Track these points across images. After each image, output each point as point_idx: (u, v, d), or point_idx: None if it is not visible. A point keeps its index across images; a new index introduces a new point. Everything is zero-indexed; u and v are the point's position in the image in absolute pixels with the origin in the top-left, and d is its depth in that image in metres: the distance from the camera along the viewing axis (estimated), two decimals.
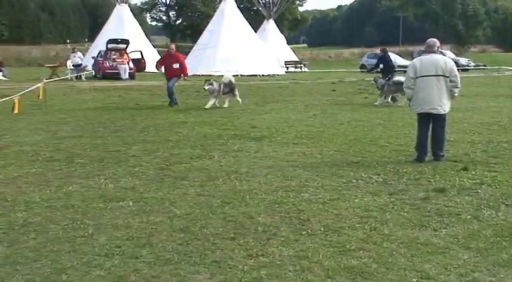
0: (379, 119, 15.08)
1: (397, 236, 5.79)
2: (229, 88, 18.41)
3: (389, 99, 19.46)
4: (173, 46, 20.37)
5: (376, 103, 19.34)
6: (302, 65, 51.48)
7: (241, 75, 37.57)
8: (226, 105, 18.28)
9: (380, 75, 21.24)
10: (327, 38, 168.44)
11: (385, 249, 5.42)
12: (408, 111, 12.02)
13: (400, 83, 19.07)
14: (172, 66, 18.89)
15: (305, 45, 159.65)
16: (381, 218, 6.43)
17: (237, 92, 18.77)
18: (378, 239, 5.70)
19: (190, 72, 37.24)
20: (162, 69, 19.42)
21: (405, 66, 14.70)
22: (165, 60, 19.42)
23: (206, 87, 17.98)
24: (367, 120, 14.86)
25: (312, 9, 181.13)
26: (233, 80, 18.77)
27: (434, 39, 9.81)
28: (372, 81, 20.54)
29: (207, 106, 17.62)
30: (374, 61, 47.15)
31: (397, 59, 48.79)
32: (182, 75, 19.37)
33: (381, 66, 21.40)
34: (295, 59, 54.94)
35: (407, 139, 11.63)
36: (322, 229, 6.01)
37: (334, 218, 6.41)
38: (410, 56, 52.51)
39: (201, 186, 7.89)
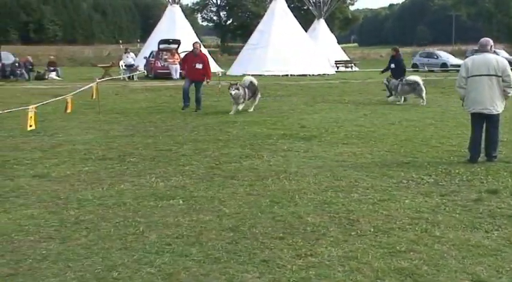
0: (431, 119, 14.86)
1: (449, 238, 5.70)
2: (252, 92, 17.02)
3: (401, 100, 19.28)
4: (198, 45, 18.17)
5: (389, 99, 19.58)
6: (352, 65, 51.10)
7: (291, 75, 37.56)
8: (251, 109, 16.96)
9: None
10: (378, 37, 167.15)
11: (436, 251, 5.35)
12: (461, 111, 11.82)
13: (414, 83, 18.96)
14: (195, 66, 17.29)
15: (356, 44, 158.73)
16: (432, 219, 6.34)
17: (258, 96, 17.59)
18: (429, 241, 5.63)
19: (240, 72, 37.82)
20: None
21: (458, 66, 14.47)
22: (189, 59, 17.88)
23: (233, 92, 16.17)
24: (418, 120, 14.66)
25: (363, 8, 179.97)
26: (255, 81, 17.34)
27: (488, 39, 9.62)
28: (385, 81, 20.26)
29: (232, 113, 16.17)
30: (426, 60, 46.95)
31: (450, 58, 48.18)
32: (205, 78, 17.51)
33: (392, 66, 20.51)
34: (346, 58, 54.57)
35: (459, 139, 11.44)
36: (372, 230, 5.97)
37: (384, 219, 6.35)
38: (463, 55, 51.67)
39: (250, 185, 7.92)
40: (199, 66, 17.28)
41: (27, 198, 7.32)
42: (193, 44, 18.13)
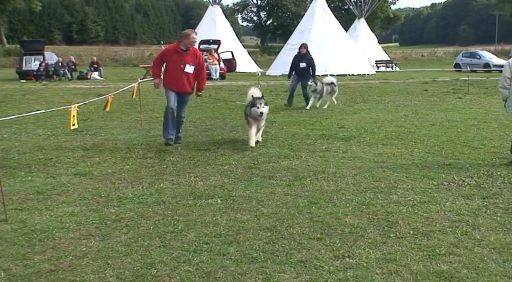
0: (473, 120, 14.62)
1: (489, 241, 5.60)
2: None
3: (310, 104, 17.94)
4: (194, 35, 11.08)
5: (307, 107, 17.84)
6: (393, 65, 50.61)
7: (330, 75, 37.30)
8: (260, 138, 11.48)
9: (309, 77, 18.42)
10: (420, 36, 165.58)
11: (476, 254, 5.26)
12: (504, 112, 11.61)
13: (332, 84, 18.33)
14: (184, 69, 10.92)
15: (397, 44, 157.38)
16: (473, 222, 6.24)
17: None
18: (469, 244, 5.54)
19: (279, 72, 37.73)
20: (160, 80, 11.39)
21: (501, 66, 14.23)
22: (174, 58, 10.96)
23: (264, 110, 10.83)
24: (460, 121, 14.44)
25: (404, 7, 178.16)
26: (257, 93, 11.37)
27: None
28: (311, 82, 17.98)
29: (252, 143, 10.80)
30: (468, 60, 46.23)
31: (493, 59, 47.38)
32: (197, 88, 11.66)
33: (303, 65, 18.19)
34: (387, 58, 54.11)
35: (502, 141, 11.25)
36: (411, 232, 5.90)
37: (424, 221, 6.27)
38: (506, 55, 50.83)
39: (288, 185, 7.91)
40: (189, 69, 10.96)
41: (69, 196, 7.44)
42: (190, 33, 10.98)
